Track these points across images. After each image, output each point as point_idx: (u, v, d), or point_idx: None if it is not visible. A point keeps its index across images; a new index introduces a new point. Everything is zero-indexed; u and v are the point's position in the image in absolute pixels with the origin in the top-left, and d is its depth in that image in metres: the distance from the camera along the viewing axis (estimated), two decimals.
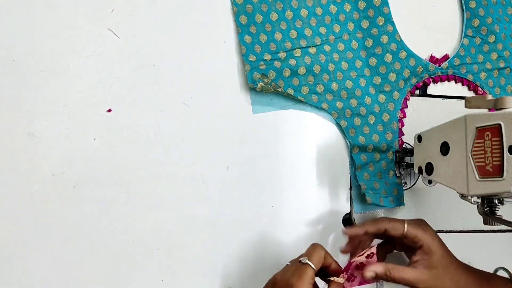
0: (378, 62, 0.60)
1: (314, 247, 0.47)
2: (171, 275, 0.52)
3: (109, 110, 0.52)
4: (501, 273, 0.59)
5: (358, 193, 0.59)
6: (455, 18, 0.66)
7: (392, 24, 0.60)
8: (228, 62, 0.56)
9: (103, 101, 0.52)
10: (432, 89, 0.63)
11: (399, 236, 0.50)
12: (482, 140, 0.44)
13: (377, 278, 0.49)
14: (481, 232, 0.64)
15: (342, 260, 0.53)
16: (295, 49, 0.56)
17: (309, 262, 0.45)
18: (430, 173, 0.51)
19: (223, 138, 0.55)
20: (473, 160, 0.45)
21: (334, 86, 0.58)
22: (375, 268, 0.48)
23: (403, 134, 0.61)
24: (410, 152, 0.58)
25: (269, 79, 0.55)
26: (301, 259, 0.45)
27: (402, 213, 0.61)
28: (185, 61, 0.55)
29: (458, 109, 0.64)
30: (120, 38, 0.53)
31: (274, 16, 0.56)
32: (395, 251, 0.55)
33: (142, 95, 0.53)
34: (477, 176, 0.44)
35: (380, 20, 0.60)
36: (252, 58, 0.55)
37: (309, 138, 0.58)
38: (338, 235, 0.58)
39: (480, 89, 0.65)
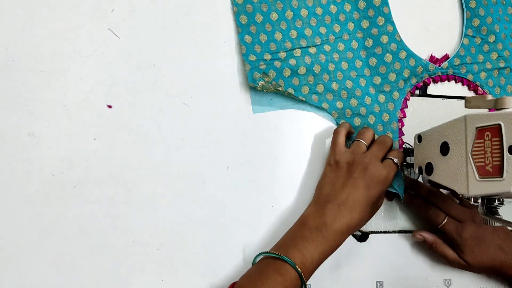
0: (378, 62, 0.60)
1: (399, 151, 0.55)
2: (171, 275, 0.52)
3: (109, 110, 0.52)
4: None
5: None
6: (455, 18, 0.66)
7: (392, 24, 0.60)
8: (228, 62, 0.56)
9: (103, 101, 0.52)
10: (432, 89, 0.63)
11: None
12: (482, 140, 0.44)
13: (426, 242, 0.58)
14: None
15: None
16: (295, 49, 0.56)
17: (398, 165, 0.53)
18: (430, 173, 0.51)
19: (223, 138, 0.55)
20: (473, 160, 0.45)
21: (334, 86, 0.58)
22: (426, 235, 0.58)
23: (403, 134, 0.61)
24: (410, 152, 0.58)
25: (270, 78, 0.55)
26: (393, 158, 0.53)
27: (402, 213, 0.61)
28: (185, 61, 0.55)
29: (458, 109, 0.64)
30: (120, 38, 0.53)
31: (274, 16, 0.56)
32: None
33: (142, 95, 0.53)
34: (477, 176, 0.44)
35: (380, 20, 0.60)
36: (252, 58, 0.55)
37: (309, 138, 0.58)
38: None
39: (480, 89, 0.64)
